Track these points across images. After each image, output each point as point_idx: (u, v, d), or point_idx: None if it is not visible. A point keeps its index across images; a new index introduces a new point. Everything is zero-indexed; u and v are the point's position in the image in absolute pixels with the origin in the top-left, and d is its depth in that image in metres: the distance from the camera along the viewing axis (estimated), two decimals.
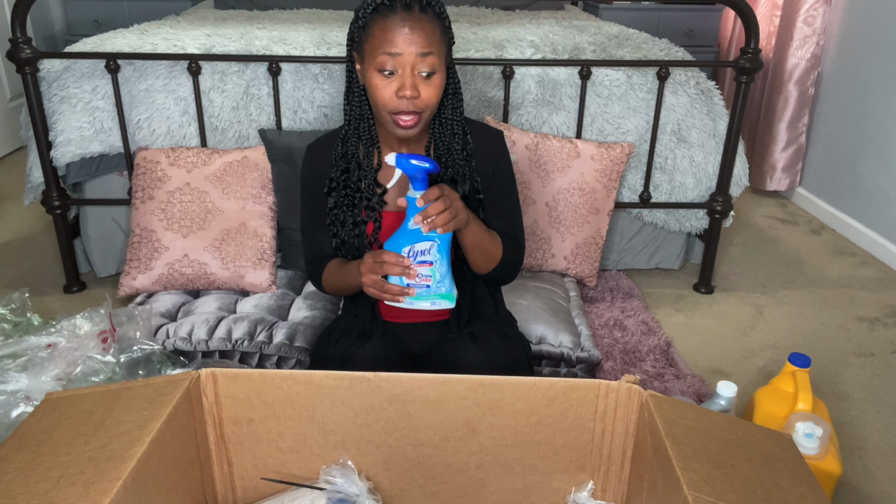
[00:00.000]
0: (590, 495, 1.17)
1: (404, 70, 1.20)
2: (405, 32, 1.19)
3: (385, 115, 1.24)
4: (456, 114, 1.35)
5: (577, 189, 2.11)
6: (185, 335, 1.78)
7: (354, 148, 1.35)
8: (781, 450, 1.00)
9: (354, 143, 1.35)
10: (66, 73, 2.03)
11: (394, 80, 1.21)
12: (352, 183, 1.35)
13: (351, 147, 1.35)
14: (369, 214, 1.35)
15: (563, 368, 1.82)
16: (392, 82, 1.21)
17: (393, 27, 1.19)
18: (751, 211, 3.09)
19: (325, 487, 1.13)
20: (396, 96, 1.21)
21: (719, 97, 2.22)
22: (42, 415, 0.99)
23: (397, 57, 1.19)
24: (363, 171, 1.35)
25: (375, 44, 1.20)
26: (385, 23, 1.20)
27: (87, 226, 2.22)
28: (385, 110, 1.24)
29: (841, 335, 2.12)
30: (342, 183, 1.35)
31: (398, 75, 1.20)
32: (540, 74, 2.12)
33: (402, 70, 1.20)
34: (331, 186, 1.36)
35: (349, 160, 1.35)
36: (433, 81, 1.23)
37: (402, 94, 1.20)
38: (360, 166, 1.35)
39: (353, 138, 1.34)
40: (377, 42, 1.20)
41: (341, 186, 1.35)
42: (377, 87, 1.22)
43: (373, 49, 1.21)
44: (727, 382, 1.48)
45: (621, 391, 1.10)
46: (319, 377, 1.11)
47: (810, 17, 2.95)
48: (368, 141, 1.34)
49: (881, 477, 1.57)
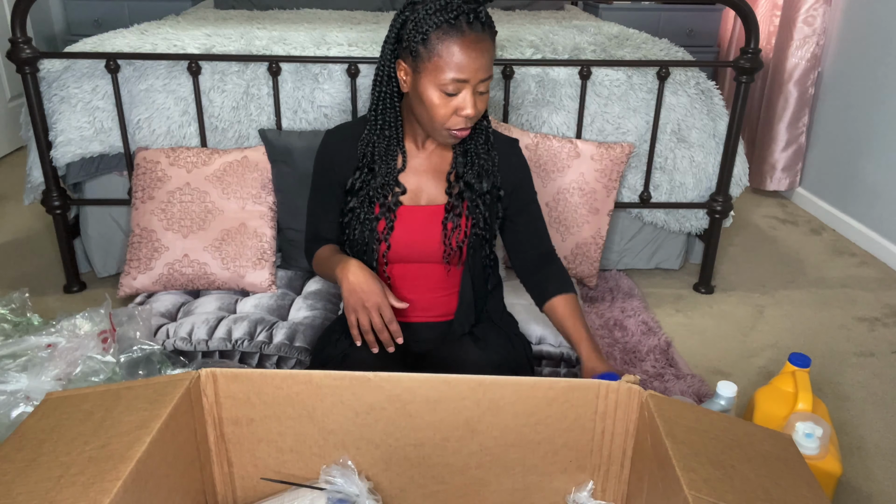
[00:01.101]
0: (590, 495, 1.17)
1: (467, 91, 1.21)
2: (475, 57, 1.18)
3: (439, 128, 1.25)
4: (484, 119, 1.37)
5: (577, 189, 2.11)
6: (185, 335, 1.78)
7: (381, 150, 1.35)
8: (781, 450, 1.00)
9: (380, 141, 1.34)
10: (66, 73, 2.03)
11: (454, 99, 1.21)
12: (374, 183, 1.35)
13: (377, 150, 1.34)
14: (384, 213, 1.35)
15: (564, 369, 1.83)
16: (452, 101, 1.21)
17: (463, 51, 1.18)
18: (751, 211, 3.09)
19: (325, 487, 1.13)
20: (456, 115, 1.22)
21: (719, 97, 2.22)
22: (42, 415, 0.99)
23: (464, 83, 1.20)
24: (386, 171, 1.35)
25: (442, 64, 1.19)
26: (454, 44, 1.18)
27: (87, 226, 2.22)
28: (441, 124, 1.24)
29: (841, 335, 2.12)
30: (365, 184, 1.36)
31: (460, 95, 1.21)
32: (540, 74, 2.12)
33: (464, 91, 1.21)
34: (353, 188, 1.37)
35: (373, 162, 1.35)
36: (485, 98, 1.25)
37: (465, 113, 1.21)
38: (384, 166, 1.35)
39: (380, 141, 1.34)
40: (444, 63, 1.18)
41: (364, 188, 1.36)
42: (435, 106, 1.22)
43: (437, 68, 1.19)
44: (727, 382, 1.48)
45: (621, 391, 1.10)
46: (319, 377, 1.11)
47: (810, 17, 2.95)
48: (395, 141, 1.34)
49: (881, 477, 1.57)
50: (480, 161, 1.36)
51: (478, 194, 1.37)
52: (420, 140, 1.36)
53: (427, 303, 1.41)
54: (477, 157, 1.36)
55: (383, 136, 1.34)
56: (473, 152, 1.36)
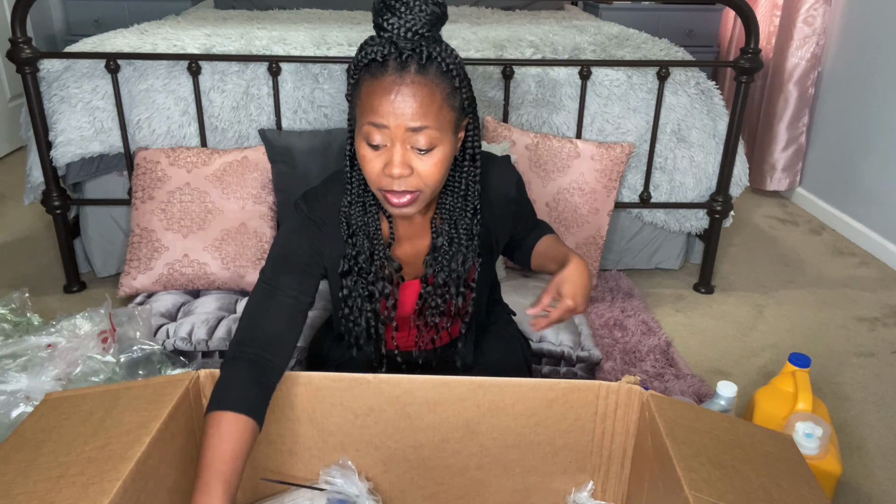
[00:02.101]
0: (590, 496, 1.17)
1: (393, 144, 1.00)
2: (395, 101, 0.97)
3: (376, 192, 1.06)
4: (470, 182, 1.14)
5: (577, 189, 2.11)
6: (185, 335, 1.78)
7: (360, 219, 1.15)
8: (782, 450, 1.00)
9: (360, 213, 1.15)
10: (66, 73, 2.03)
11: (382, 154, 1.01)
12: (363, 261, 1.17)
13: (357, 219, 1.15)
14: (384, 292, 1.18)
15: (563, 367, 1.82)
16: (380, 155, 1.02)
17: (379, 92, 0.98)
18: (751, 211, 3.09)
19: (325, 488, 1.13)
20: (384, 173, 1.02)
21: (719, 97, 2.22)
22: (42, 415, 0.99)
23: (383, 129, 0.99)
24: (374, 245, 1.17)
25: (362, 109, 1.01)
26: (373, 85, 0.99)
27: (87, 226, 2.22)
28: (375, 186, 1.05)
29: (841, 335, 2.12)
30: (355, 262, 1.17)
31: (387, 149, 1.01)
32: (540, 74, 2.12)
33: (390, 142, 1.00)
34: (344, 270, 1.18)
35: (357, 235, 1.16)
36: (433, 156, 1.02)
37: (389, 172, 1.00)
38: (370, 240, 1.16)
39: (357, 208, 1.15)
40: (364, 108, 1.00)
41: (356, 270, 1.17)
42: (364, 159, 1.03)
43: (361, 115, 1.02)
44: (727, 382, 1.48)
45: (621, 392, 1.10)
46: (319, 378, 1.11)
47: (810, 17, 2.95)
48: (374, 209, 1.15)
49: (881, 477, 1.57)
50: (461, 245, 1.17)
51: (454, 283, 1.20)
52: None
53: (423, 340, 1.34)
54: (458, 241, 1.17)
55: (360, 202, 1.15)
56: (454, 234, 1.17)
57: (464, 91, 1.04)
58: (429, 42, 1.00)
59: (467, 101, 1.06)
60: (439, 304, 1.22)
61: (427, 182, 1.04)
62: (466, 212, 1.16)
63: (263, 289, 1.14)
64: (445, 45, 1.03)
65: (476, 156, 1.13)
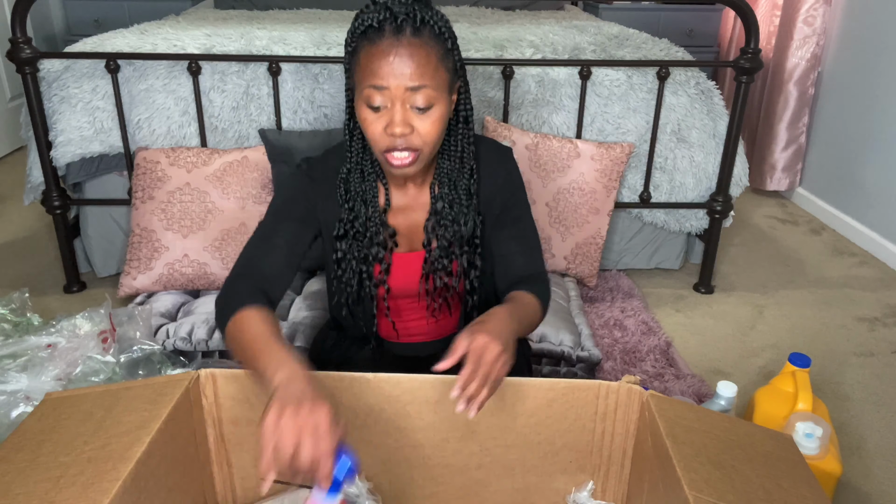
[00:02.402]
0: (590, 496, 1.17)
1: (393, 105, 1.05)
2: (393, 63, 1.03)
3: (378, 154, 1.11)
4: (465, 145, 1.19)
5: (577, 189, 2.11)
6: (185, 335, 1.78)
7: (359, 186, 1.21)
8: (782, 450, 1.00)
9: (358, 180, 1.21)
10: (66, 73, 2.03)
11: (383, 115, 1.07)
12: (359, 225, 1.22)
13: (355, 185, 1.21)
14: (378, 257, 1.22)
15: (563, 367, 1.82)
16: (381, 117, 1.07)
17: (378, 55, 1.04)
18: (751, 211, 3.09)
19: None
20: (386, 133, 1.07)
21: (719, 97, 2.22)
22: (42, 415, 0.99)
23: (384, 90, 1.04)
24: (370, 211, 1.21)
25: (362, 75, 1.06)
26: (371, 50, 1.05)
27: (87, 226, 2.22)
28: (377, 148, 1.10)
29: (841, 335, 2.12)
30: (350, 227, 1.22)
31: (388, 109, 1.06)
32: (540, 74, 2.12)
33: (391, 103, 1.05)
34: (339, 234, 1.22)
35: (355, 200, 1.21)
36: (431, 115, 1.07)
37: (391, 131, 1.06)
38: (367, 205, 1.21)
39: (356, 175, 1.20)
40: (363, 73, 1.06)
41: (351, 234, 1.22)
42: (366, 122, 1.08)
43: (360, 80, 1.07)
44: (727, 382, 1.48)
45: (621, 392, 1.10)
46: (319, 377, 1.11)
47: (810, 17, 2.95)
48: (373, 176, 1.21)
49: (881, 477, 1.57)
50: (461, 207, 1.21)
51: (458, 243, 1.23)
52: (398, 179, 1.21)
53: (424, 328, 1.36)
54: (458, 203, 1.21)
55: (359, 169, 1.20)
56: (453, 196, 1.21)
57: (455, 54, 1.10)
58: (421, 7, 1.06)
59: (459, 64, 1.12)
60: (445, 265, 1.25)
61: (426, 140, 1.09)
62: (464, 172, 1.21)
63: (262, 233, 1.21)
64: (437, 9, 1.08)
65: (469, 118, 1.18)
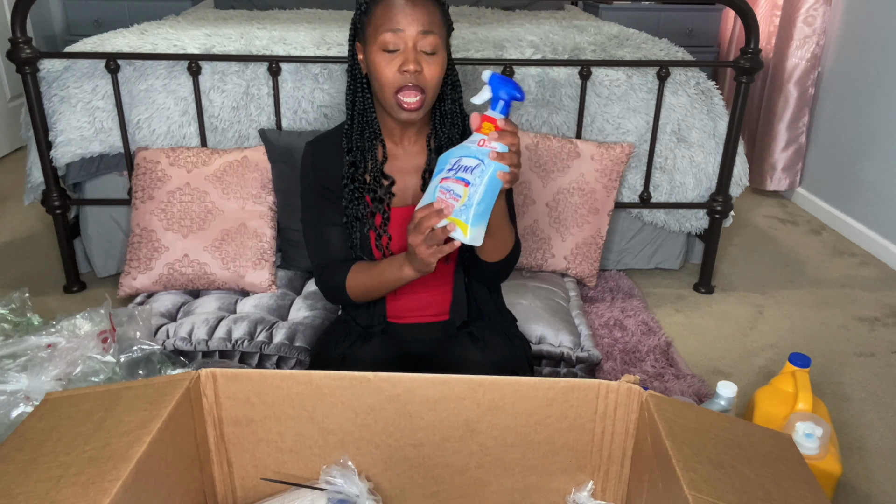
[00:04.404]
0: (590, 495, 1.17)
1: (407, 46, 1.22)
2: (407, 10, 1.21)
3: (389, 96, 1.25)
4: (456, 106, 1.35)
5: (577, 189, 2.11)
6: (185, 335, 1.78)
7: (359, 141, 1.35)
8: (781, 450, 1.00)
9: (359, 136, 1.35)
10: (66, 73, 2.03)
11: (396, 57, 1.22)
12: (359, 176, 1.35)
13: (356, 141, 1.35)
14: (377, 206, 1.34)
15: (563, 368, 1.82)
16: (395, 59, 1.23)
17: (395, 5, 1.22)
18: (751, 211, 3.09)
19: (325, 488, 1.13)
20: (399, 71, 1.22)
21: (719, 97, 2.22)
22: (42, 415, 0.99)
23: (400, 33, 1.21)
24: (369, 163, 1.35)
25: (378, 24, 1.22)
26: (387, 2, 1.23)
27: (87, 226, 2.22)
28: (389, 89, 1.24)
29: (841, 335, 2.12)
30: (351, 176, 1.35)
31: (401, 52, 1.22)
32: (540, 74, 2.12)
33: (404, 46, 1.22)
34: (343, 183, 1.35)
35: (355, 153, 1.35)
36: (435, 60, 1.24)
37: (406, 68, 1.21)
38: (366, 159, 1.35)
39: (357, 132, 1.35)
40: (380, 21, 1.22)
41: (351, 181, 1.35)
42: (380, 66, 1.23)
43: (375, 29, 1.23)
44: (727, 382, 1.48)
45: (621, 391, 1.10)
46: (319, 377, 1.11)
47: (810, 17, 2.95)
48: (371, 134, 1.34)
49: (881, 477, 1.57)
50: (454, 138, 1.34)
51: None
52: (396, 136, 1.35)
53: (422, 301, 1.41)
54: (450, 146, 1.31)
55: (360, 127, 1.34)
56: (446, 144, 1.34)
57: (448, 22, 1.29)
58: None
59: (448, 31, 1.30)
60: None
61: (430, 83, 1.25)
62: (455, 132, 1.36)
63: (310, 221, 1.39)
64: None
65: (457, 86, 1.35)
